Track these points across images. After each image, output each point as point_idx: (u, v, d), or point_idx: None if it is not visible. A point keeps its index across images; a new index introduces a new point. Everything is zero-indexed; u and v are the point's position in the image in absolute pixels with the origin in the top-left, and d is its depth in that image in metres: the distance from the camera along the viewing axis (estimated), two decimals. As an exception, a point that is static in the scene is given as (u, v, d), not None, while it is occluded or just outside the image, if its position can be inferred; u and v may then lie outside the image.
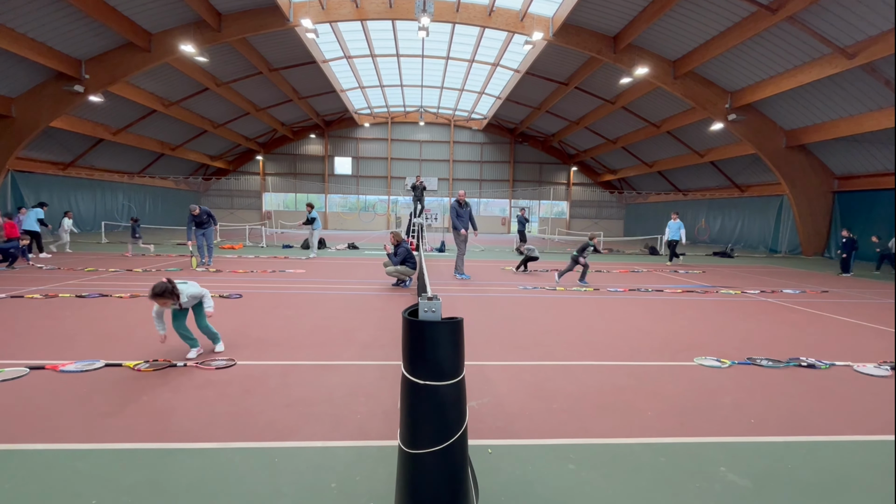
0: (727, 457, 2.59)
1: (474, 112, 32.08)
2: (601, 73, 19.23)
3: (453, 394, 1.69)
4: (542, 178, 35.80)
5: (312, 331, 5.13)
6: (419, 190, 17.39)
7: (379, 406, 3.17)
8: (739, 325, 5.92)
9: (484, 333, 5.15)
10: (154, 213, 28.08)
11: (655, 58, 16.39)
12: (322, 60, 21.24)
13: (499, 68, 22.49)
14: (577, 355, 4.45)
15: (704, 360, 4.32)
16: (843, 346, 5.04)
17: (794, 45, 13.22)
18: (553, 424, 2.95)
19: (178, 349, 4.31)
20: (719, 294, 8.35)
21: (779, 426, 3.00)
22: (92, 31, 14.24)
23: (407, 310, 1.72)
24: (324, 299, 7.00)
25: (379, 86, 27.26)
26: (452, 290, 8.03)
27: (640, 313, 6.48)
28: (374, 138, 34.85)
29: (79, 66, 15.24)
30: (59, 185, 21.20)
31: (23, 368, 3.67)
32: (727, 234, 24.27)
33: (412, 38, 19.48)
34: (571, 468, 2.45)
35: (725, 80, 16.46)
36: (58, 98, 15.68)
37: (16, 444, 2.55)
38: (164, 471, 2.34)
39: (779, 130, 17.39)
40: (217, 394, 3.30)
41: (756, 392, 3.57)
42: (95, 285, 7.70)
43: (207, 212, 10.88)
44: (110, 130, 21.07)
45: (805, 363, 4.26)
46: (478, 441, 2.67)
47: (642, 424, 2.98)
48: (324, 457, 2.51)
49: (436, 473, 1.69)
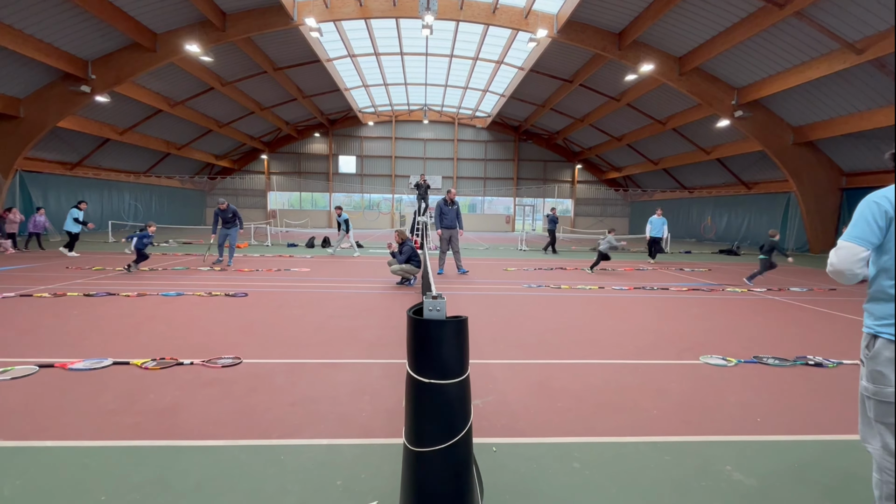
0: (733, 456, 2.58)
1: (478, 110, 32.02)
2: (606, 70, 19.12)
3: (458, 392, 1.69)
4: (546, 176, 35.70)
5: (318, 329, 5.15)
6: (423, 188, 17.38)
7: (384, 404, 3.18)
8: (746, 323, 5.89)
9: (488, 332, 5.15)
10: (160, 213, 28.29)
11: (661, 54, 16.27)
12: (326, 59, 21.28)
13: (503, 66, 22.43)
14: (582, 353, 4.44)
15: (710, 358, 4.30)
16: (851, 344, 4.99)
17: (802, 41, 13.08)
18: (558, 423, 2.95)
19: (185, 347, 4.35)
20: (725, 292, 8.29)
21: (785, 425, 2.98)
22: (98, 32, 14.34)
23: (412, 309, 1.73)
24: (328, 298, 7.02)
25: (383, 84, 27.27)
26: (456, 289, 8.04)
27: (646, 311, 6.45)
28: (378, 137, 34.88)
29: (85, 67, 15.36)
30: (66, 184, 21.40)
31: (32, 366, 3.71)
32: (733, 232, 24.09)
33: (416, 36, 19.46)
34: (576, 466, 2.45)
35: (732, 77, 16.32)
36: (65, 98, 15.81)
37: (26, 441, 2.58)
38: (172, 468, 2.36)
39: (786, 127, 17.23)
40: (223, 392, 3.33)
41: (762, 391, 3.55)
42: (103, 284, 7.77)
43: (234, 211, 10.66)
44: (117, 130, 21.23)
45: (812, 362, 4.23)
46: (483, 439, 2.67)
47: (647, 423, 2.97)
48: (329, 454, 2.52)
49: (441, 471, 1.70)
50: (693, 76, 16.54)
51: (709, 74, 16.66)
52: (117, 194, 25.15)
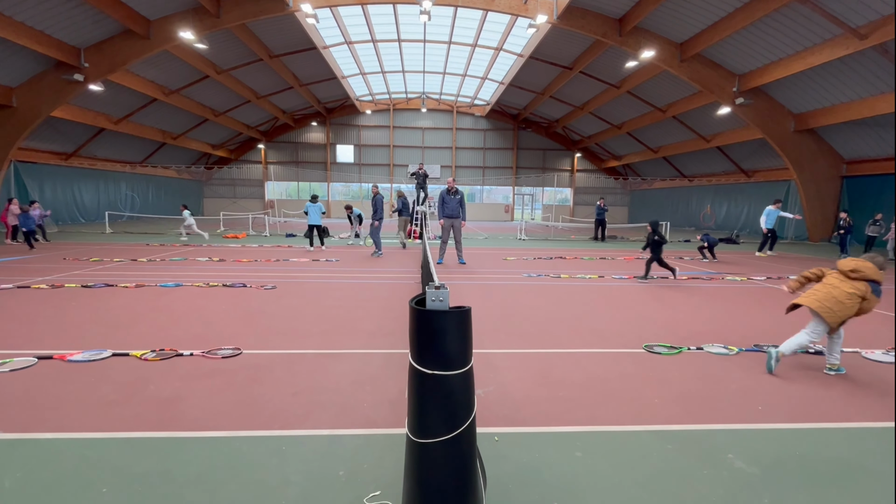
0: (735, 444, 2.58)
1: (477, 98, 31.71)
2: (606, 56, 18.89)
3: (462, 383, 1.67)
4: (545, 165, 35.52)
5: (317, 320, 5.14)
6: (421, 177, 17.26)
7: (385, 394, 3.17)
8: (746, 311, 5.89)
9: (489, 321, 5.14)
10: (158, 203, 28.14)
11: (662, 40, 16.06)
12: (323, 46, 20.98)
13: (502, 53, 22.15)
14: (583, 343, 4.44)
15: (711, 346, 4.30)
16: (851, 332, 4.99)
17: (805, 26, 12.91)
18: (560, 412, 2.95)
19: (184, 338, 4.33)
20: (725, 281, 8.30)
21: (787, 413, 2.99)
22: (90, 19, 14.08)
23: (414, 299, 1.70)
24: (328, 288, 7.00)
25: (380, 72, 26.94)
26: (456, 279, 8.02)
27: (646, 300, 6.45)
28: (376, 126, 34.58)
29: (78, 55, 15.12)
30: (61, 175, 21.23)
31: (31, 358, 3.69)
32: (733, 221, 24.07)
33: (414, 22, 19.17)
34: (579, 455, 2.45)
35: (733, 63, 16.15)
36: (58, 87, 15.59)
37: (26, 434, 2.57)
38: (174, 459, 2.35)
39: (787, 114, 17.10)
40: (224, 383, 3.32)
41: (764, 379, 3.56)
42: (101, 275, 7.74)
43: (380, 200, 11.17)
44: (111, 120, 20.99)
45: (813, 350, 4.23)
46: (485, 429, 2.67)
47: (649, 412, 2.97)
48: (331, 445, 2.51)
49: (444, 462, 1.68)
50: (694, 63, 16.35)
51: (710, 61, 16.47)
52: (114, 185, 24.97)
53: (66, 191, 21.56)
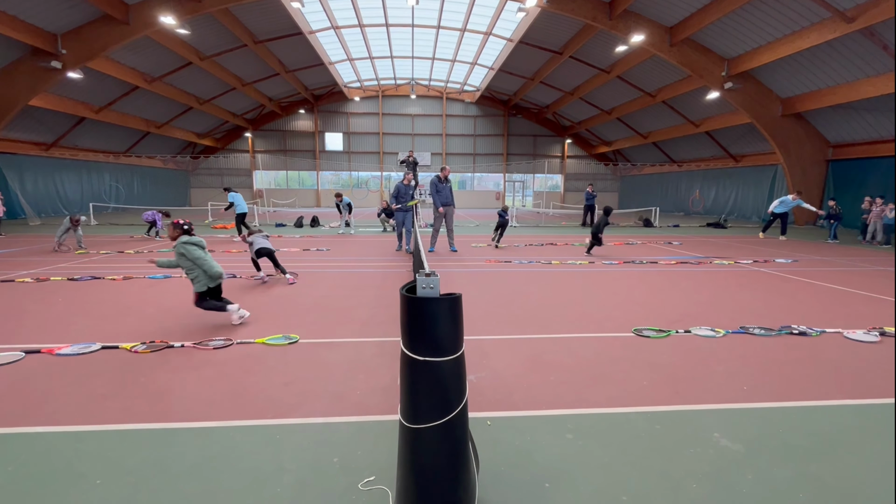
0: (721, 423, 2.65)
1: (467, 84, 31.40)
2: (596, 40, 18.77)
3: (453, 369, 1.69)
4: (536, 151, 35.44)
5: (309, 309, 5.13)
6: (411, 165, 17.13)
7: (378, 382, 3.19)
8: (733, 294, 5.99)
9: (481, 308, 5.17)
10: (143, 194, 27.62)
11: (651, 24, 15.98)
12: (308, 31, 20.54)
13: (491, 37, 21.89)
14: (574, 328, 4.49)
15: (699, 329, 4.38)
16: (834, 313, 5.12)
17: (793, 9, 12.92)
18: (551, 396, 3.00)
19: (175, 330, 4.30)
20: (713, 264, 8.41)
21: (771, 392, 3.07)
22: (66, 3, 13.60)
23: (405, 286, 1.70)
24: (319, 277, 6.98)
25: (368, 57, 26.50)
26: (447, 266, 8.03)
27: (635, 285, 6.52)
28: (364, 113, 34.13)
29: (55, 41, 14.63)
30: (42, 166, 20.70)
31: (18, 353, 3.65)
32: (721, 205, 24.33)
33: (402, 5, 18.83)
34: (569, 437, 2.50)
35: (722, 47, 16.14)
36: (35, 75, 15.11)
37: (16, 428, 2.55)
38: (167, 450, 2.35)
39: (775, 98, 17.21)
40: (216, 373, 3.31)
41: (749, 360, 3.64)
42: (87, 268, 7.62)
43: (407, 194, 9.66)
44: (92, 108, 20.45)
45: (796, 331, 4.33)
46: (477, 413, 2.71)
47: (638, 394, 3.03)
48: (325, 433, 2.53)
49: (437, 447, 1.71)
50: (683, 47, 16.32)
51: (699, 45, 16.45)
52: (97, 175, 24.40)
53: (47, 182, 21.04)
